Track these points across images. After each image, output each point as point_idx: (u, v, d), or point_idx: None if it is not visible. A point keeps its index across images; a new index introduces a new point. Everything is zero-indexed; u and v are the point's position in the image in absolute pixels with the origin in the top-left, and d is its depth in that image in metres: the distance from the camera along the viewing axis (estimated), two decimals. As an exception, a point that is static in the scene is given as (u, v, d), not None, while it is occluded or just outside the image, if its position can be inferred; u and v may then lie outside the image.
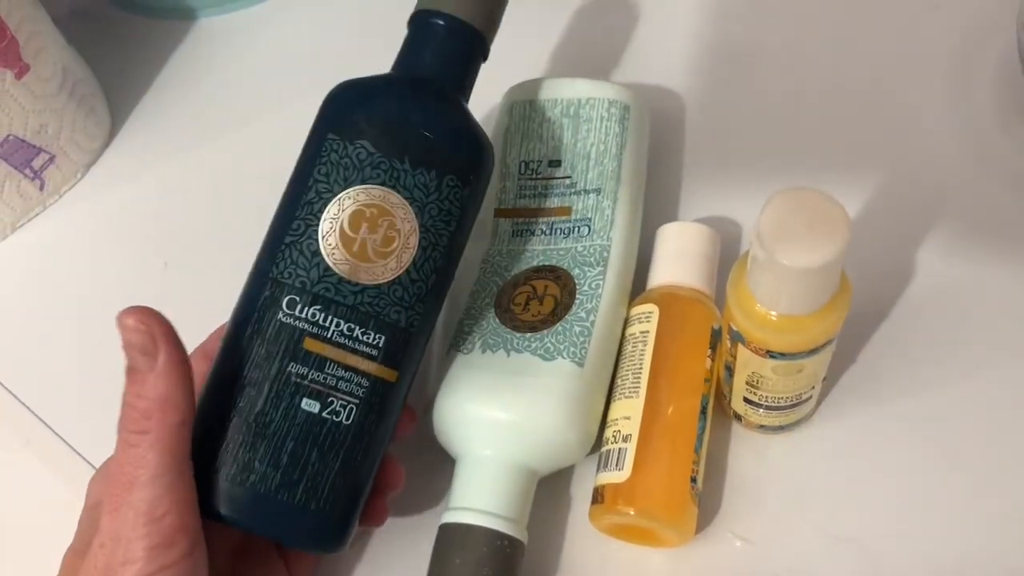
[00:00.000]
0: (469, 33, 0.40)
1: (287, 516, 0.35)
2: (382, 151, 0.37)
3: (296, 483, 0.35)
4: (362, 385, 0.36)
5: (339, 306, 0.36)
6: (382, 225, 0.36)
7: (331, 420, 0.35)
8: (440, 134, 0.38)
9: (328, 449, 0.35)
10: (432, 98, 0.39)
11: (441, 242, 0.37)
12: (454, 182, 0.37)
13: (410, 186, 0.37)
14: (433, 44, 0.40)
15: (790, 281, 0.31)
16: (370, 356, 0.36)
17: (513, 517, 0.38)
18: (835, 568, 0.39)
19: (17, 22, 0.49)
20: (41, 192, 0.54)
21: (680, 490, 0.37)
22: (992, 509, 0.39)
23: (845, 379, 0.43)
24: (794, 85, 0.51)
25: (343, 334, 0.36)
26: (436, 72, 0.40)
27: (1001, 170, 0.47)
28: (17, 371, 0.49)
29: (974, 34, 0.51)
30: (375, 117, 0.38)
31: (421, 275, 0.37)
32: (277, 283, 0.36)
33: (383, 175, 0.37)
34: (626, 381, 0.40)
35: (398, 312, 0.36)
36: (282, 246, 0.37)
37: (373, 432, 0.36)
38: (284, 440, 0.35)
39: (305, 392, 0.35)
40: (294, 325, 0.36)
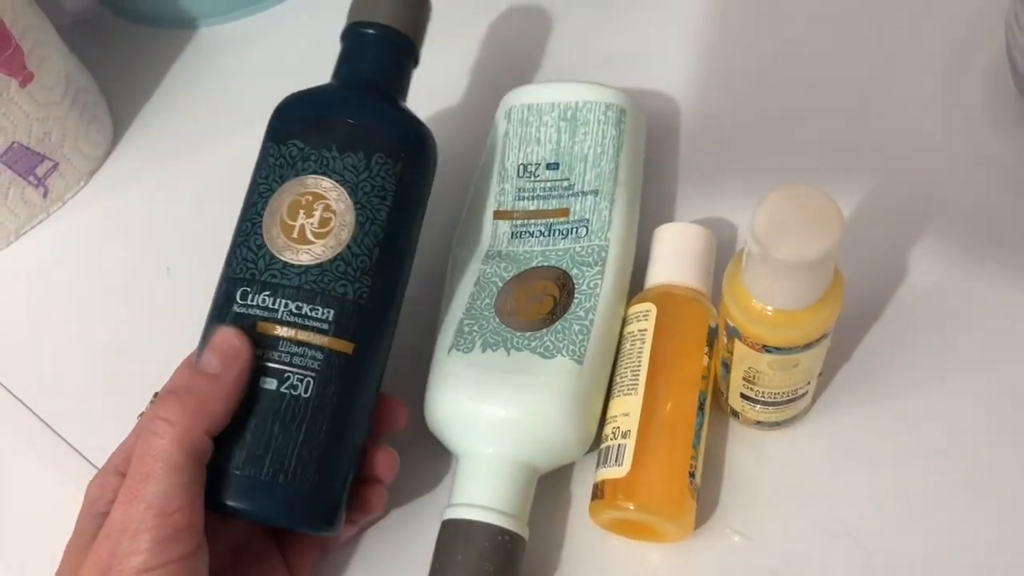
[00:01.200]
0: (396, 38, 0.43)
1: (257, 491, 0.36)
2: (311, 144, 0.40)
3: (261, 458, 0.36)
4: (316, 358, 0.37)
5: (286, 288, 0.38)
6: (317, 209, 0.39)
7: (289, 394, 0.37)
8: (364, 119, 0.40)
9: (289, 422, 0.36)
10: (357, 94, 0.42)
11: (379, 216, 0.39)
12: (383, 159, 0.39)
13: (340, 169, 0.39)
14: (362, 52, 0.43)
15: (784, 275, 0.32)
16: (320, 330, 0.38)
17: (514, 513, 0.39)
18: (832, 562, 0.39)
19: (21, 31, 0.50)
20: (45, 199, 0.54)
21: (679, 485, 0.38)
22: (986, 504, 0.40)
23: (840, 377, 0.43)
24: (788, 89, 0.52)
25: (292, 313, 0.38)
26: (367, 76, 0.43)
27: (993, 171, 0.48)
28: (22, 375, 0.50)
29: (965, 38, 0.52)
30: (303, 117, 0.41)
31: (363, 249, 0.39)
32: (231, 280, 0.39)
33: (314, 165, 0.39)
34: (625, 378, 0.40)
35: (344, 286, 0.38)
36: (235, 248, 0.40)
37: (336, 404, 0.37)
38: (247, 419, 0.36)
39: (261, 371, 0.37)
40: (248, 313, 0.38)
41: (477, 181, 0.47)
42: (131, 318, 0.51)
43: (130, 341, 0.50)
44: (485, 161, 0.47)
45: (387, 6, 0.43)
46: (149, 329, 0.50)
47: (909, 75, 0.51)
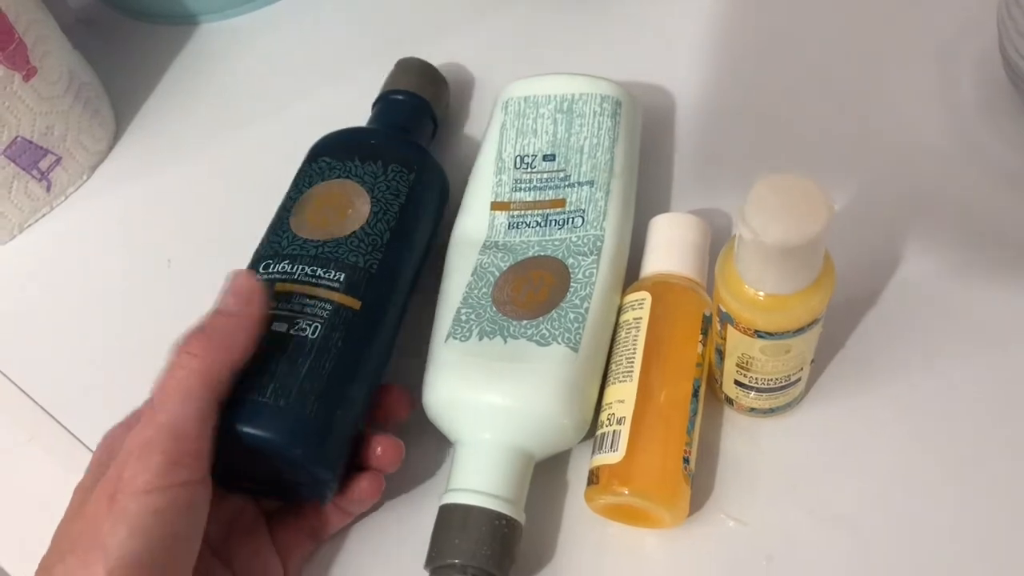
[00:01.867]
0: (419, 100, 0.51)
1: (259, 412, 0.38)
2: (337, 158, 0.46)
3: (266, 385, 0.38)
4: (325, 308, 0.41)
5: (304, 257, 0.42)
6: (338, 201, 0.44)
7: (297, 335, 0.40)
8: (383, 141, 0.47)
9: (295, 357, 0.39)
10: (383, 130, 0.50)
11: (392, 208, 0.44)
12: (398, 168, 0.45)
13: (361, 174, 0.45)
14: (390, 109, 0.51)
15: (775, 260, 0.32)
16: (331, 287, 0.41)
17: (511, 498, 0.39)
18: (826, 548, 0.40)
19: (25, 26, 0.50)
20: (48, 193, 0.55)
21: (673, 470, 0.38)
22: (978, 491, 0.40)
23: (834, 365, 0.44)
24: (782, 82, 0.53)
25: (307, 274, 0.42)
26: (398, 123, 0.50)
27: (984, 162, 0.48)
28: (25, 366, 0.50)
29: (957, 30, 0.52)
30: (334, 143, 0.47)
31: (375, 230, 0.43)
32: (259, 255, 0.43)
33: (339, 171, 0.45)
34: (620, 366, 0.41)
35: (356, 256, 0.43)
36: (265, 236, 0.45)
37: (341, 349, 0.40)
38: (258, 355, 0.39)
39: (275, 319, 0.40)
40: (267, 279, 0.42)
41: (475, 173, 0.48)
42: (133, 310, 0.51)
43: (132, 333, 0.50)
44: (483, 153, 0.48)
45: (412, 81, 0.51)
46: (151, 320, 0.50)
47: (901, 66, 0.52)
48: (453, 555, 0.38)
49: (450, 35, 0.58)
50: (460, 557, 0.38)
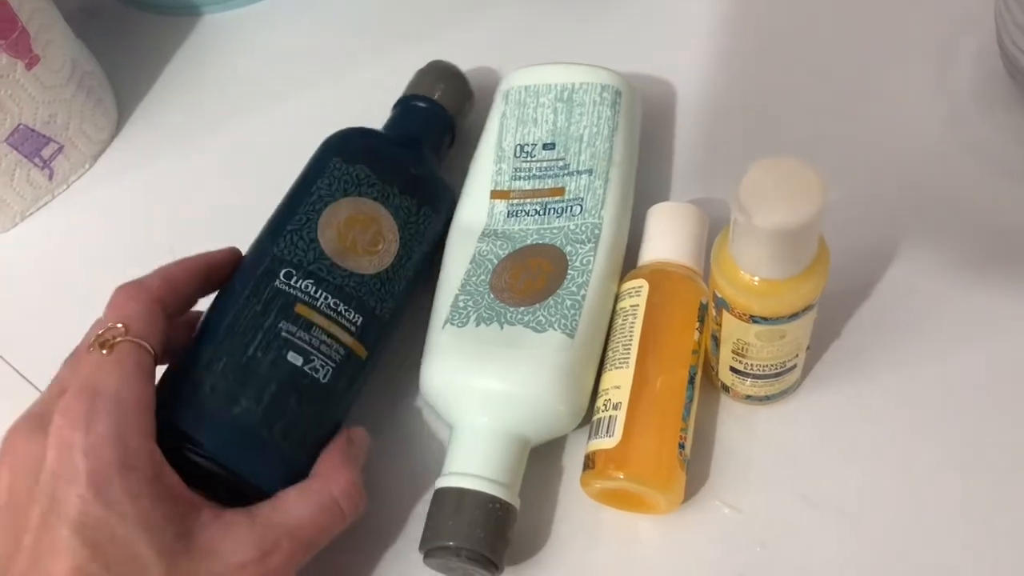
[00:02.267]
0: (442, 113, 0.50)
1: (262, 451, 0.38)
2: (377, 175, 0.44)
3: (274, 422, 0.38)
4: (339, 352, 0.40)
5: (329, 284, 0.41)
6: (371, 229, 0.43)
7: (311, 375, 0.39)
8: (421, 174, 0.46)
9: (306, 400, 0.39)
10: (414, 149, 0.48)
11: (415, 255, 0.44)
12: (429, 212, 0.45)
13: (396, 207, 0.44)
14: (414, 116, 0.50)
15: (769, 244, 0.32)
16: (349, 330, 0.41)
17: (505, 482, 0.39)
18: (820, 535, 0.40)
19: (28, 14, 0.50)
20: (50, 181, 0.55)
21: (668, 455, 0.39)
22: (974, 478, 0.40)
23: (829, 354, 0.44)
24: (781, 74, 0.53)
25: (329, 307, 0.41)
26: (417, 133, 0.49)
27: (982, 155, 0.48)
28: (28, 355, 0.50)
29: (955, 24, 0.53)
30: (373, 151, 0.46)
31: (398, 275, 0.43)
32: (277, 259, 0.41)
33: (376, 193, 0.44)
34: (616, 352, 0.41)
35: (376, 301, 0.42)
36: (284, 232, 0.42)
37: (341, 397, 0.41)
38: (269, 382, 0.39)
39: (292, 347, 0.39)
40: (289, 292, 0.41)
41: (475, 161, 0.48)
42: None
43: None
44: (483, 142, 0.48)
45: (439, 89, 0.50)
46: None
47: (900, 59, 0.52)
48: (447, 537, 0.38)
49: (452, 25, 0.58)
50: (454, 539, 0.38)
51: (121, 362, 0.36)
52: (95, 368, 0.36)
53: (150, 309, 0.38)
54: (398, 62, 0.53)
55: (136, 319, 0.38)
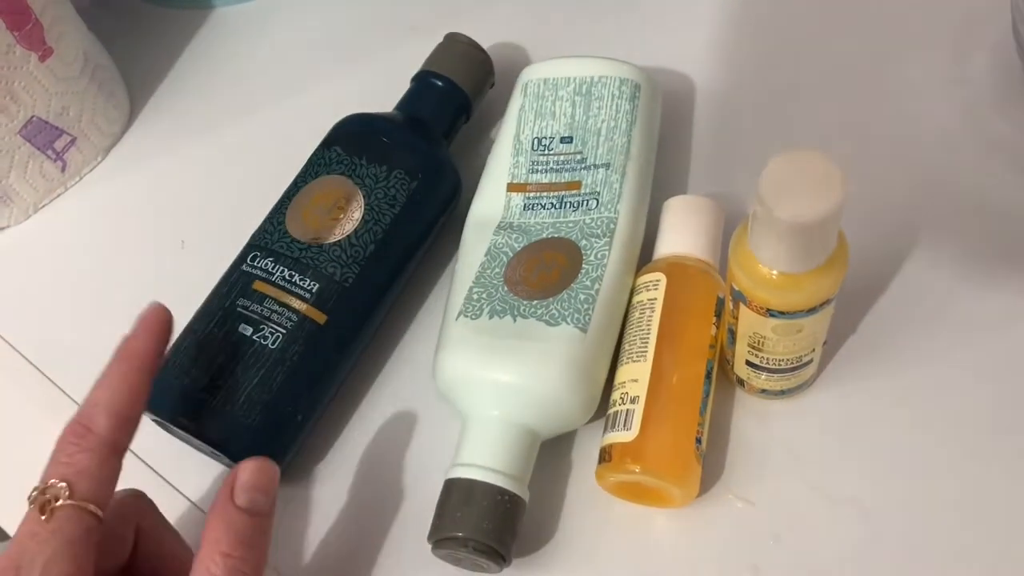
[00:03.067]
0: (456, 91, 0.50)
1: (205, 413, 0.41)
2: (347, 151, 0.47)
3: (218, 387, 0.41)
4: (291, 319, 0.43)
5: (287, 258, 0.44)
6: (333, 201, 0.45)
7: (258, 343, 0.42)
8: (396, 141, 0.47)
9: (250, 365, 0.42)
10: (403, 124, 0.49)
11: (383, 219, 0.45)
12: (402, 175, 0.46)
13: (363, 175, 0.46)
14: (425, 95, 0.50)
15: (788, 238, 0.32)
16: (302, 297, 0.43)
17: (515, 475, 0.39)
18: (834, 529, 0.40)
19: (41, 6, 0.50)
20: (63, 173, 0.55)
21: (685, 450, 0.39)
22: (989, 474, 0.40)
23: (845, 349, 0.44)
24: (798, 67, 0.53)
25: (284, 279, 0.44)
26: (422, 114, 0.49)
27: (998, 150, 0.48)
28: (40, 345, 0.51)
29: (971, 17, 0.52)
30: (350, 132, 0.48)
31: (360, 242, 0.45)
32: (250, 245, 0.46)
33: (343, 168, 0.46)
34: (634, 346, 0.41)
35: (334, 267, 0.44)
36: (263, 223, 0.46)
37: (295, 363, 0.42)
38: (217, 354, 0.42)
39: (244, 319, 0.43)
40: (250, 272, 0.44)
41: (492, 154, 0.48)
42: (147, 291, 0.51)
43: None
44: (501, 134, 0.48)
45: (457, 67, 0.50)
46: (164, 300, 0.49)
47: (915, 52, 0.52)
48: (455, 528, 0.38)
49: (469, 17, 0.57)
50: (462, 530, 0.38)
51: (58, 531, 0.32)
52: (27, 536, 0.32)
53: (101, 460, 0.34)
54: (411, 53, 0.53)
55: (83, 476, 0.34)
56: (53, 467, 0.34)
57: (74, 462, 0.34)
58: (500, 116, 0.50)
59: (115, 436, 0.35)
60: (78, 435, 0.35)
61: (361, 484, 0.44)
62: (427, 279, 0.49)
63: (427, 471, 0.43)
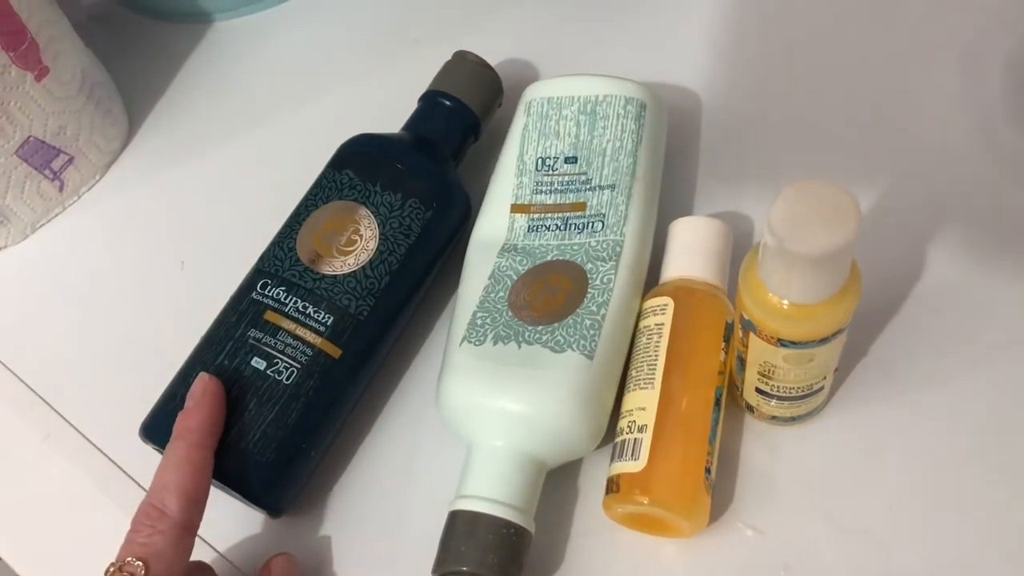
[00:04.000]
0: (465, 112, 0.49)
1: (220, 451, 0.40)
2: (360, 176, 0.45)
3: (231, 424, 0.40)
4: (306, 353, 0.42)
5: (300, 288, 0.43)
6: (348, 230, 0.44)
7: (272, 377, 0.41)
8: (410, 168, 0.46)
9: (265, 401, 0.41)
10: (413, 147, 0.48)
11: (399, 250, 0.44)
12: (417, 204, 0.45)
13: (377, 203, 0.45)
14: (433, 115, 0.49)
15: (800, 269, 0.32)
16: (317, 331, 0.42)
17: (520, 506, 0.39)
18: (845, 559, 0.39)
19: (37, 25, 0.50)
20: (61, 193, 0.55)
21: (695, 480, 0.38)
22: (1003, 502, 0.40)
23: (856, 373, 0.43)
24: (807, 84, 0.52)
25: (298, 310, 0.42)
26: (431, 135, 0.48)
27: (1012, 168, 0.47)
28: (37, 367, 0.50)
29: (984, 32, 0.52)
30: (361, 154, 0.47)
31: (376, 273, 0.44)
32: (259, 271, 0.44)
33: (357, 194, 0.45)
34: (641, 372, 0.40)
35: (349, 299, 0.43)
36: (271, 247, 0.45)
37: (310, 398, 0.41)
38: (230, 388, 0.41)
39: (257, 352, 0.42)
40: (262, 301, 0.43)
41: (496, 174, 0.47)
42: (146, 311, 0.51)
43: (145, 334, 0.50)
44: (504, 154, 0.47)
45: (466, 86, 0.49)
46: (164, 322, 0.50)
47: (927, 67, 0.51)
48: (459, 562, 0.38)
49: (471, 34, 0.57)
50: (466, 564, 0.37)
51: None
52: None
53: (175, 541, 0.37)
54: (413, 68, 0.52)
55: (159, 557, 0.36)
56: (129, 547, 0.36)
57: (151, 543, 0.36)
58: (504, 134, 0.49)
59: (186, 517, 0.37)
60: (152, 517, 0.37)
61: (366, 514, 0.43)
62: (434, 303, 0.48)
63: (433, 500, 0.42)
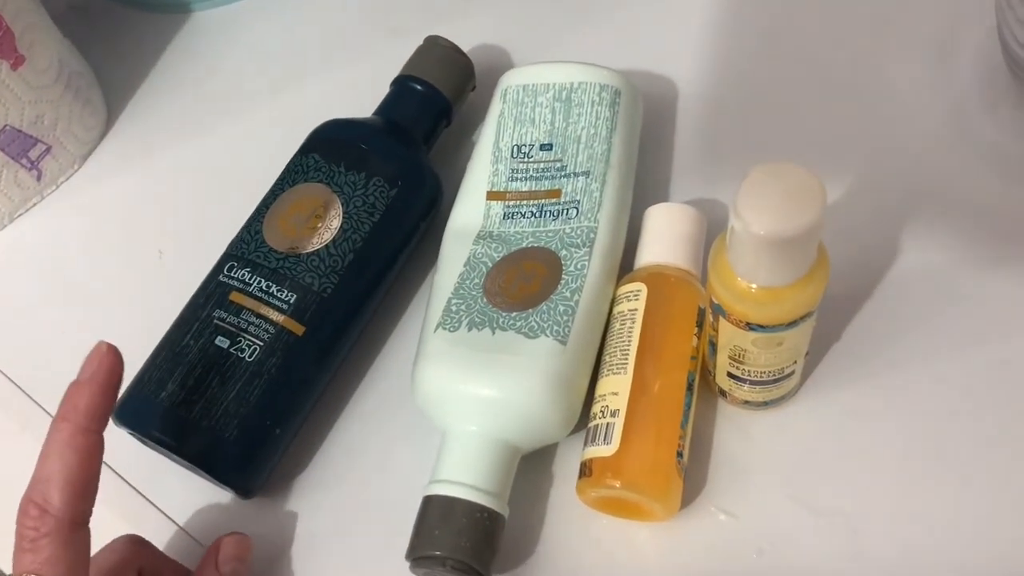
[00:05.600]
0: (437, 98, 0.49)
1: (183, 428, 0.41)
2: (325, 159, 0.46)
3: (195, 402, 0.41)
4: (268, 331, 0.42)
5: (264, 268, 0.44)
6: (311, 210, 0.45)
7: (235, 355, 0.42)
8: (375, 148, 0.46)
9: (227, 379, 0.41)
10: (382, 130, 0.48)
11: (362, 228, 0.45)
12: (381, 183, 0.45)
13: (341, 183, 0.45)
14: (405, 100, 0.50)
15: (767, 252, 0.32)
16: (280, 308, 0.43)
17: (494, 491, 0.39)
18: (818, 542, 0.40)
19: (12, 14, 0.49)
20: (38, 182, 0.54)
21: (666, 464, 0.38)
22: (974, 485, 0.40)
23: (829, 358, 0.43)
24: (782, 72, 0.52)
25: (261, 290, 0.43)
26: (401, 120, 0.49)
27: (982, 152, 0.48)
28: (15, 357, 0.50)
29: (955, 18, 0.52)
30: (328, 138, 0.47)
31: (339, 251, 0.44)
32: (227, 255, 0.45)
33: (322, 175, 0.46)
34: (614, 358, 0.40)
35: (312, 277, 0.43)
36: (239, 232, 0.46)
37: (273, 375, 0.42)
38: (195, 367, 0.42)
39: (220, 332, 0.42)
40: (227, 283, 0.44)
41: (472, 161, 0.47)
42: (124, 301, 0.51)
43: (123, 324, 0.49)
44: (480, 141, 0.47)
45: (437, 71, 0.49)
46: (141, 311, 0.50)
47: (900, 55, 0.51)
48: (433, 547, 0.38)
49: (446, 20, 0.57)
50: (440, 549, 0.38)
51: None
52: None
53: (65, 542, 0.33)
54: (390, 56, 0.52)
55: (52, 565, 0.33)
56: (19, 561, 0.33)
57: (38, 549, 0.33)
58: (480, 121, 0.49)
59: (73, 511, 0.33)
60: (34, 518, 0.33)
61: (338, 499, 0.43)
62: (408, 288, 0.48)
63: (407, 485, 0.42)
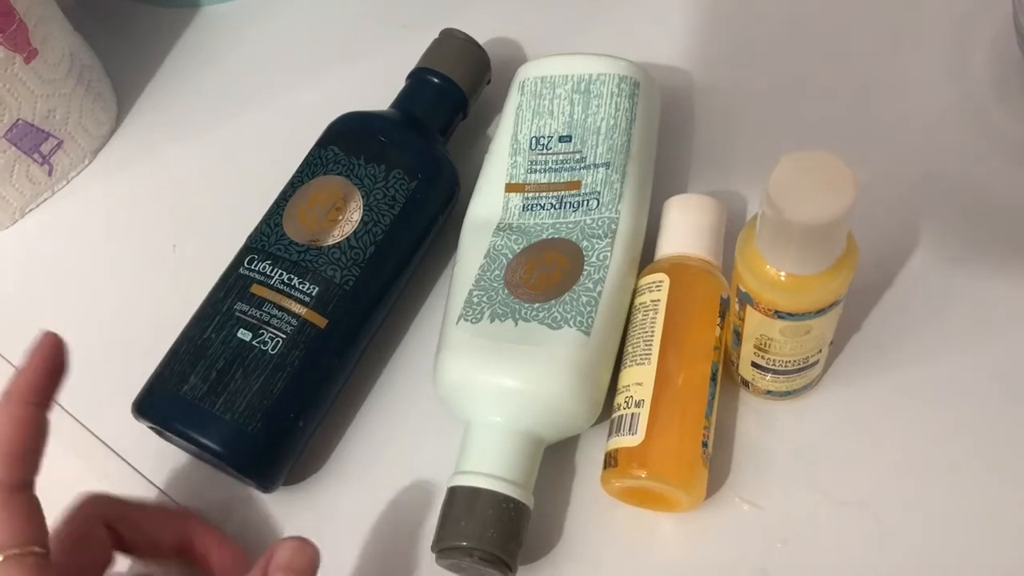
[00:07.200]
0: (453, 90, 0.49)
1: (206, 422, 0.40)
2: (344, 151, 0.46)
3: (219, 394, 0.41)
4: (291, 323, 0.42)
5: (285, 261, 0.43)
6: (332, 203, 0.45)
7: (258, 348, 0.41)
8: (394, 140, 0.46)
9: (251, 372, 0.41)
10: (400, 122, 0.48)
11: (383, 220, 0.44)
12: (401, 175, 0.45)
13: (361, 176, 0.45)
14: (421, 92, 0.50)
15: (798, 239, 0.32)
16: (302, 301, 0.42)
17: (519, 482, 0.39)
18: (841, 531, 0.40)
19: (25, 7, 0.49)
20: (50, 177, 0.54)
21: (692, 453, 0.38)
22: (996, 474, 0.40)
23: (850, 347, 0.43)
24: (799, 62, 0.52)
25: (283, 282, 0.43)
26: (418, 112, 0.49)
27: (999, 142, 0.48)
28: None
29: (971, 9, 0.52)
30: (346, 130, 0.47)
31: (360, 244, 0.44)
32: (247, 248, 0.45)
33: (341, 168, 0.46)
34: (637, 348, 0.40)
35: (334, 270, 0.43)
36: (259, 224, 0.46)
37: (296, 368, 0.42)
38: (217, 360, 0.41)
39: (243, 324, 0.42)
40: (248, 275, 0.43)
41: (490, 154, 0.47)
42: (137, 295, 0.51)
43: (136, 318, 0.50)
44: (498, 134, 0.47)
45: (453, 63, 0.49)
46: (155, 305, 0.50)
47: (916, 45, 0.51)
48: (459, 537, 0.38)
49: (463, 13, 0.57)
50: (466, 539, 0.38)
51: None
52: None
53: (4, 503, 0.33)
54: (403, 51, 0.52)
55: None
56: None
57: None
58: (496, 113, 0.49)
59: (9, 475, 0.34)
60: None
61: (361, 491, 0.43)
62: (427, 279, 0.48)
63: (430, 477, 0.42)
